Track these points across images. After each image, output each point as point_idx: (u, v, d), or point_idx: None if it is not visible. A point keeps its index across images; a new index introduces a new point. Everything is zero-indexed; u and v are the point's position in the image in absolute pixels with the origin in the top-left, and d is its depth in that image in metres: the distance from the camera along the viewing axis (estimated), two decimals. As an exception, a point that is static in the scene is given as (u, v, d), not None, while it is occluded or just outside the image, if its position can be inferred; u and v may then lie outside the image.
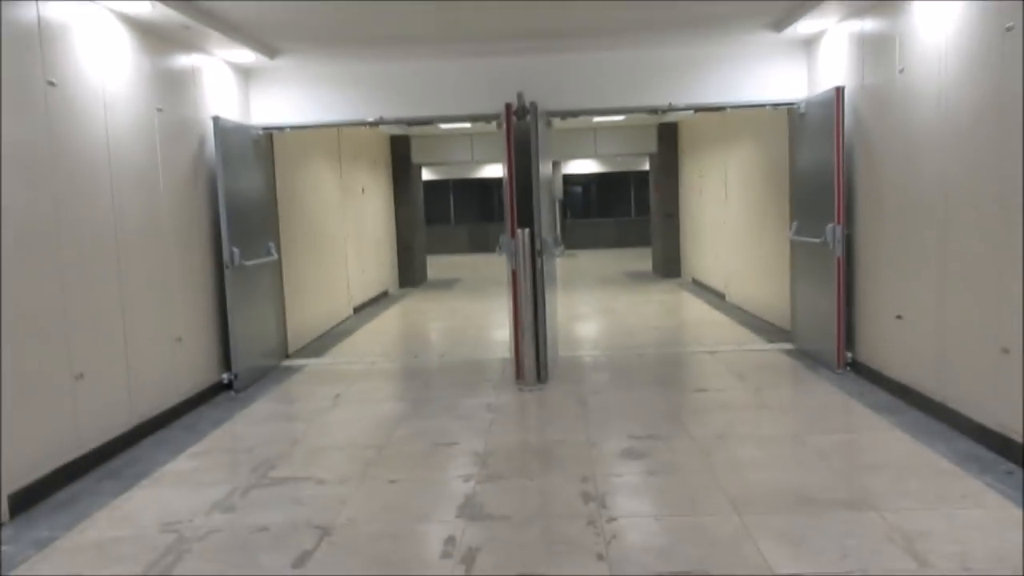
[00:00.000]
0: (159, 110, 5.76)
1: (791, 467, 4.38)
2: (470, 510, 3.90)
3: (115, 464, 4.80)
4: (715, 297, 11.41)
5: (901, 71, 5.39)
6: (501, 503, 3.98)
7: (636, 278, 14.86)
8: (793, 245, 7.45)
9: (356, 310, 11.13)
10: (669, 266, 14.37)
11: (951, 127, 4.77)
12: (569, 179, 23.92)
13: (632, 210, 24.15)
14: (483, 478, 4.34)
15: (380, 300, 12.61)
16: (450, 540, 3.57)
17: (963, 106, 4.63)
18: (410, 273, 14.49)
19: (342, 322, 10.29)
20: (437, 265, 17.52)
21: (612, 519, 3.72)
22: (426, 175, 20.90)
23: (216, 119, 6.44)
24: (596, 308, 11.26)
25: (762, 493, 3.99)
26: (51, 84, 4.50)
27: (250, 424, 5.68)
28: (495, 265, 6.21)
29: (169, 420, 5.66)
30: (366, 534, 3.70)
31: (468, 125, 12.90)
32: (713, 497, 3.96)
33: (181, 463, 4.82)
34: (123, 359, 5.11)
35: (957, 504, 3.75)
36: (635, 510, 3.90)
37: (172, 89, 6.01)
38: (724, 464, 4.44)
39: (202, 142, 6.46)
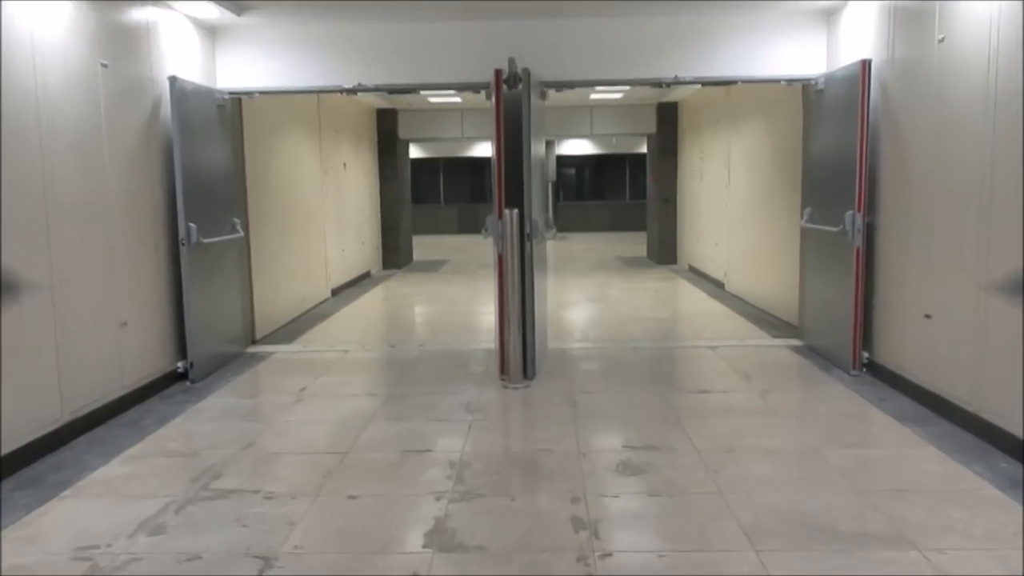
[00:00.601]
0: (104, 66, 5.10)
1: (811, 489, 3.81)
2: (440, 538, 3.32)
3: (37, 469, 4.18)
4: (713, 286, 10.84)
5: (941, 41, 4.79)
6: (477, 529, 3.40)
7: (630, 264, 14.27)
8: (805, 233, 6.87)
9: (335, 292, 10.50)
10: (665, 252, 13.81)
11: (1003, 104, 4.16)
12: (563, 160, 23.28)
13: (627, 193, 23.54)
14: (458, 496, 3.76)
15: (361, 282, 11.98)
16: (413, 579, 2.99)
17: (1019, 80, 4.03)
18: (395, 254, 13.85)
19: (318, 305, 9.66)
20: (424, 246, 16.90)
21: (606, 554, 3.14)
22: (415, 153, 20.25)
23: (173, 79, 5.78)
24: (588, 295, 10.67)
25: (781, 522, 3.42)
26: (-38, 27, 3.85)
27: (201, 422, 5.07)
28: (485, 247, 5.63)
29: (110, 415, 5.05)
30: (314, 567, 3.11)
31: (458, 99, 12.25)
32: (724, 526, 3.39)
33: (113, 469, 4.22)
34: (51, 346, 4.48)
35: (1012, 543, 3.19)
36: (634, 542, 3.32)
37: (121, 43, 5.34)
38: (734, 483, 3.86)
39: (157, 105, 5.81)
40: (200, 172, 6.08)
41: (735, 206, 10.01)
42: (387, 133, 13.57)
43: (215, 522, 3.52)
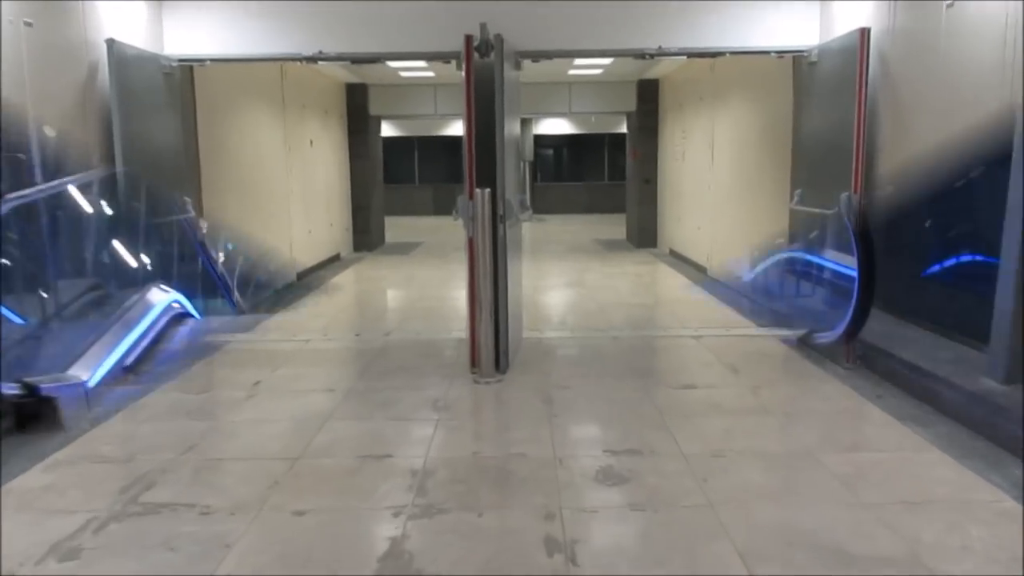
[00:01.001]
0: (28, 24, 4.58)
1: (812, 501, 3.44)
2: (395, 564, 2.90)
3: (-56, 479, 3.72)
4: (695, 271, 10.47)
5: (949, 6, 4.40)
6: (437, 553, 2.99)
7: (609, 247, 13.89)
8: (794, 216, 6.49)
9: (300, 276, 10.01)
10: (644, 235, 13.43)
11: (1021, 76, 3.78)
12: (540, 140, 22.79)
13: (606, 174, 23.11)
14: (418, 511, 3.34)
15: (330, 264, 11.49)
16: (361, 617, 2.58)
17: (1041, 47, 3.65)
18: (366, 235, 13.36)
19: (282, 289, 9.17)
20: (397, 227, 16.38)
21: (585, 585, 2.75)
22: (389, 131, 19.70)
23: (111, 43, 5.27)
24: (565, 280, 10.26)
25: (780, 542, 3.04)
26: None
27: (141, 421, 4.61)
28: (460, 229, 5.20)
29: (40, 413, 4.57)
30: (247, 603, 2.69)
31: (431, 73, 11.73)
32: (717, 548, 3.01)
33: (33, 478, 3.75)
34: (-34, 341, 4.01)
35: (1040, 567, 2.84)
36: (615, 568, 2.91)
37: (49, 1, 4.82)
38: (726, 494, 3.48)
39: (94, 70, 5.29)
40: (144, 146, 5.58)
41: (719, 187, 9.63)
42: (357, 109, 13.04)
43: (139, 544, 3.08)
